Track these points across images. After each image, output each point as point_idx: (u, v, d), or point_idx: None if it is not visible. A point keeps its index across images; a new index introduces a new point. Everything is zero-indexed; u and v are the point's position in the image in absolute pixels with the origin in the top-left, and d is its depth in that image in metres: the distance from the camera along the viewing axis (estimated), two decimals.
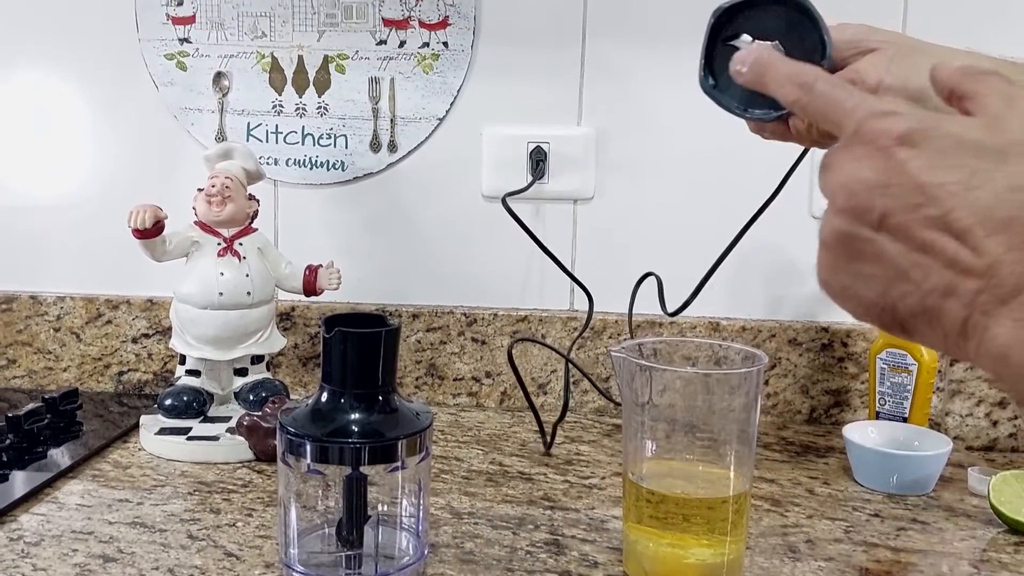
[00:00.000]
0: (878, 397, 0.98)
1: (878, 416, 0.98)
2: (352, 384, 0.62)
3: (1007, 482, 0.78)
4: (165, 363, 1.11)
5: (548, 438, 0.95)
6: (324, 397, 0.63)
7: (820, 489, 0.86)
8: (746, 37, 0.55)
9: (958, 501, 0.83)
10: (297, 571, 0.63)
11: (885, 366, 0.97)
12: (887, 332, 0.40)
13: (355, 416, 0.61)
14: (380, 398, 0.63)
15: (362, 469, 0.61)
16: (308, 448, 0.61)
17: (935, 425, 1.04)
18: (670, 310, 0.98)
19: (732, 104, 0.57)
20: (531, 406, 0.96)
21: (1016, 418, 1.05)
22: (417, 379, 1.10)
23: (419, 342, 1.09)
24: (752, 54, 0.46)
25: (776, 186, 0.94)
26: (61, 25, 1.08)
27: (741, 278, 1.06)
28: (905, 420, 0.96)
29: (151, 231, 0.90)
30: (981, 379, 1.05)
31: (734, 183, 1.04)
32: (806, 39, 0.54)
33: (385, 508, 0.68)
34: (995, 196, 0.35)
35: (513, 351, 0.95)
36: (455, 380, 1.10)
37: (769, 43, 0.54)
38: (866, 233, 0.37)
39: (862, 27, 0.59)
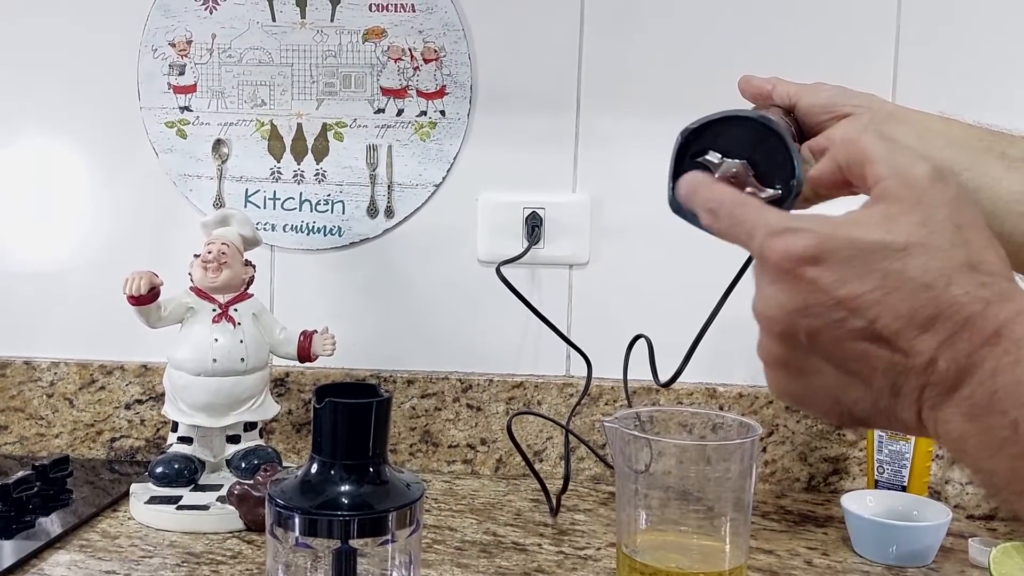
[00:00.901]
0: (876, 465, 0.97)
1: (877, 484, 0.97)
2: (342, 455, 0.61)
3: (1007, 554, 0.77)
4: (158, 429, 1.10)
5: (555, 503, 0.94)
6: (314, 468, 0.62)
7: (819, 560, 0.84)
8: (714, 155, 0.54)
9: (959, 573, 0.82)
10: None
11: (883, 434, 0.97)
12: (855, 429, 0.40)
13: (345, 488, 0.61)
14: (371, 469, 0.62)
15: (351, 542, 0.60)
16: (297, 521, 0.60)
17: (935, 493, 1.03)
18: (667, 376, 0.97)
19: (698, 221, 0.56)
20: (535, 475, 0.96)
21: None
22: (411, 446, 1.09)
23: (414, 408, 1.09)
24: (685, 179, 0.45)
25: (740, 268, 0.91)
26: (63, 91, 1.10)
27: (737, 343, 1.05)
28: (904, 488, 0.95)
29: (146, 298, 0.90)
30: None
31: (729, 248, 1.04)
32: (776, 155, 0.53)
33: None
34: (913, 296, 0.34)
35: (512, 424, 0.94)
36: (450, 447, 1.09)
37: (738, 161, 0.53)
38: (800, 354, 0.37)
39: (837, 90, 0.58)
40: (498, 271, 1.01)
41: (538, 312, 1.03)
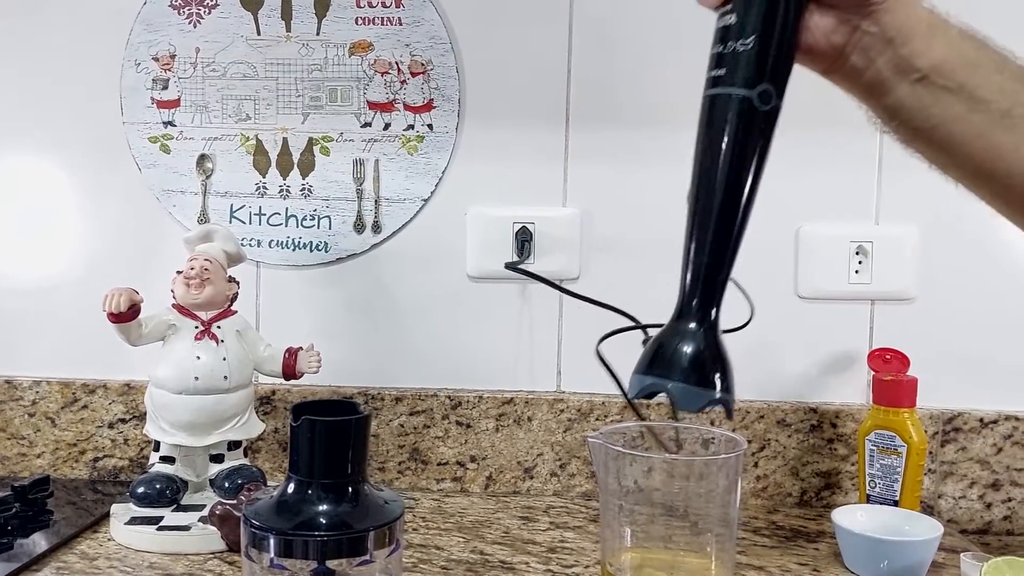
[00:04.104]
0: (868, 479, 0.96)
1: (869, 499, 0.96)
2: (320, 474, 0.60)
3: (999, 569, 0.75)
4: (141, 449, 1.08)
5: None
6: (291, 488, 0.61)
7: None
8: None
9: None
10: None
11: (875, 448, 0.96)
12: None
13: (322, 508, 0.59)
14: (349, 488, 0.61)
15: (328, 563, 0.59)
16: (272, 542, 0.58)
17: (928, 508, 1.02)
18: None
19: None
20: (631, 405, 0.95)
21: (1010, 500, 1.03)
22: (400, 464, 1.08)
23: (402, 426, 1.08)
24: None
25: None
26: (45, 107, 1.09)
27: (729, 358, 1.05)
28: (896, 503, 0.94)
29: (126, 315, 0.89)
30: (973, 461, 1.03)
31: None
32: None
33: None
34: None
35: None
36: (439, 465, 1.08)
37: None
38: None
39: None
40: (507, 266, 1.02)
41: (578, 295, 1.02)
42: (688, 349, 0.56)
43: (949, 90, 0.58)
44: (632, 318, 0.99)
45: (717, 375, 0.56)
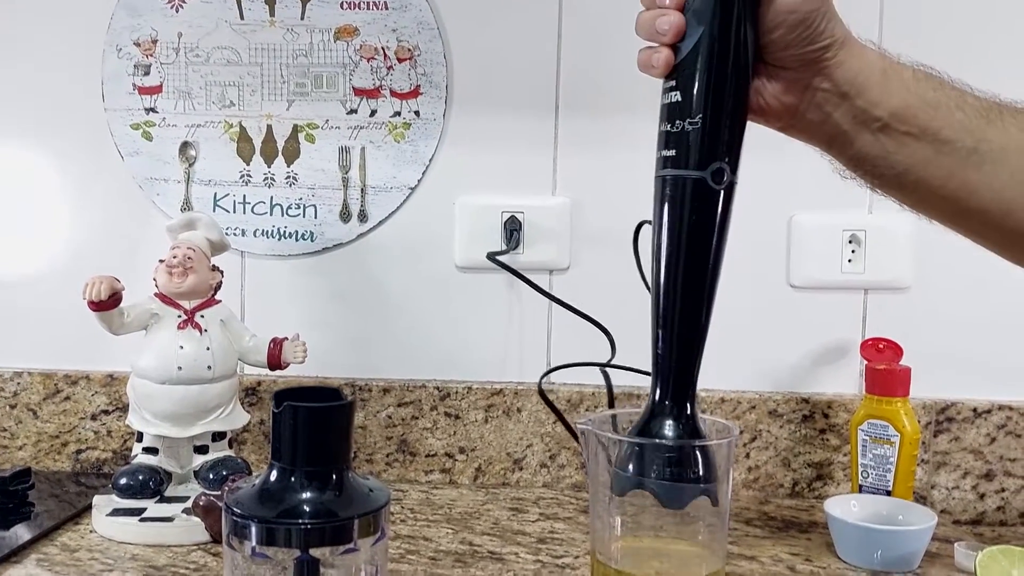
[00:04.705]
0: (861, 469, 0.95)
1: (861, 489, 0.95)
2: (303, 462, 0.59)
3: (994, 558, 0.75)
4: (125, 441, 1.07)
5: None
6: (273, 475, 0.59)
7: (802, 567, 0.82)
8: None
9: None
10: None
11: (867, 438, 0.95)
12: None
13: (305, 495, 0.58)
14: (333, 476, 0.59)
15: (312, 552, 0.57)
16: (253, 530, 0.57)
17: (920, 498, 1.01)
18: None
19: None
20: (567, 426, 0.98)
21: (1003, 491, 1.02)
22: (388, 456, 1.06)
23: (390, 417, 1.06)
24: None
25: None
26: (25, 93, 1.07)
27: (719, 348, 1.03)
28: (889, 493, 0.93)
29: (107, 303, 0.88)
30: (966, 451, 1.02)
31: None
32: None
33: None
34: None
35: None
36: (427, 456, 1.06)
37: None
38: None
39: None
40: (489, 257, 1.01)
41: (556, 299, 1.02)
42: (667, 450, 0.57)
43: (912, 135, 0.57)
44: (605, 331, 1.00)
45: (699, 469, 0.57)
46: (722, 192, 0.57)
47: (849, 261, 1.03)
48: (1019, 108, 0.59)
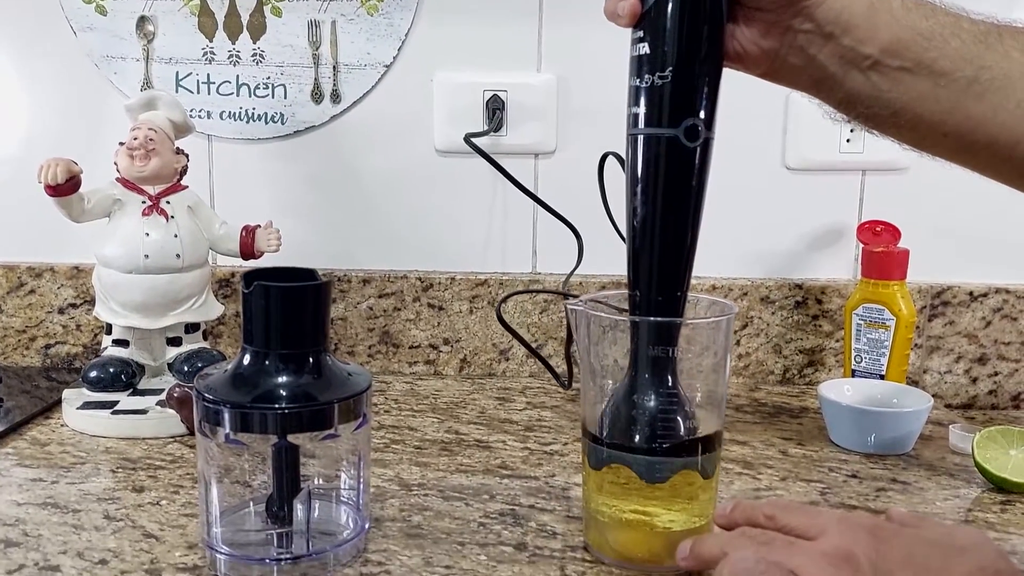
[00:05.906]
0: (854, 354, 0.93)
1: (854, 374, 0.93)
2: (277, 344, 0.55)
3: (991, 438, 0.73)
4: (96, 335, 1.03)
5: (568, 371, 0.96)
6: (246, 360, 0.56)
7: (794, 451, 0.81)
8: None
9: (939, 460, 0.79)
10: (221, 552, 0.57)
11: (862, 322, 0.92)
12: None
13: (281, 379, 0.55)
14: (310, 359, 0.56)
15: (290, 438, 0.55)
16: (227, 416, 0.54)
17: (913, 383, 1.00)
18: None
19: None
20: (539, 358, 0.97)
21: (996, 375, 1.01)
22: (370, 347, 1.03)
23: (371, 309, 1.03)
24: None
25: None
26: None
27: (710, 234, 1.00)
28: (882, 378, 0.91)
29: (65, 187, 0.82)
30: (960, 335, 1.00)
31: None
32: None
33: (323, 482, 0.62)
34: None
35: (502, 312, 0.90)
36: (411, 348, 1.03)
37: None
38: None
39: None
40: (466, 139, 0.96)
41: (536, 198, 0.99)
42: (647, 425, 0.56)
43: (906, 70, 0.52)
44: (576, 233, 0.98)
45: (681, 442, 0.56)
46: (697, 150, 0.54)
47: (848, 141, 0.98)
48: (1019, 28, 0.54)
